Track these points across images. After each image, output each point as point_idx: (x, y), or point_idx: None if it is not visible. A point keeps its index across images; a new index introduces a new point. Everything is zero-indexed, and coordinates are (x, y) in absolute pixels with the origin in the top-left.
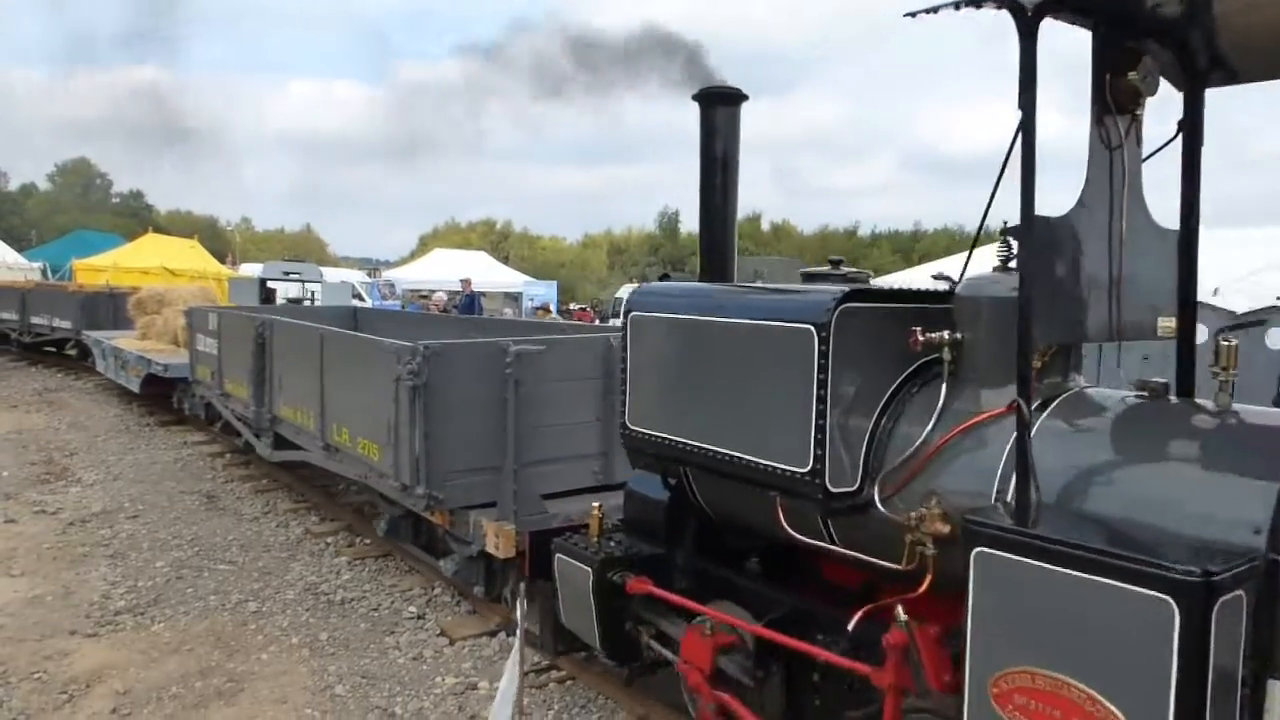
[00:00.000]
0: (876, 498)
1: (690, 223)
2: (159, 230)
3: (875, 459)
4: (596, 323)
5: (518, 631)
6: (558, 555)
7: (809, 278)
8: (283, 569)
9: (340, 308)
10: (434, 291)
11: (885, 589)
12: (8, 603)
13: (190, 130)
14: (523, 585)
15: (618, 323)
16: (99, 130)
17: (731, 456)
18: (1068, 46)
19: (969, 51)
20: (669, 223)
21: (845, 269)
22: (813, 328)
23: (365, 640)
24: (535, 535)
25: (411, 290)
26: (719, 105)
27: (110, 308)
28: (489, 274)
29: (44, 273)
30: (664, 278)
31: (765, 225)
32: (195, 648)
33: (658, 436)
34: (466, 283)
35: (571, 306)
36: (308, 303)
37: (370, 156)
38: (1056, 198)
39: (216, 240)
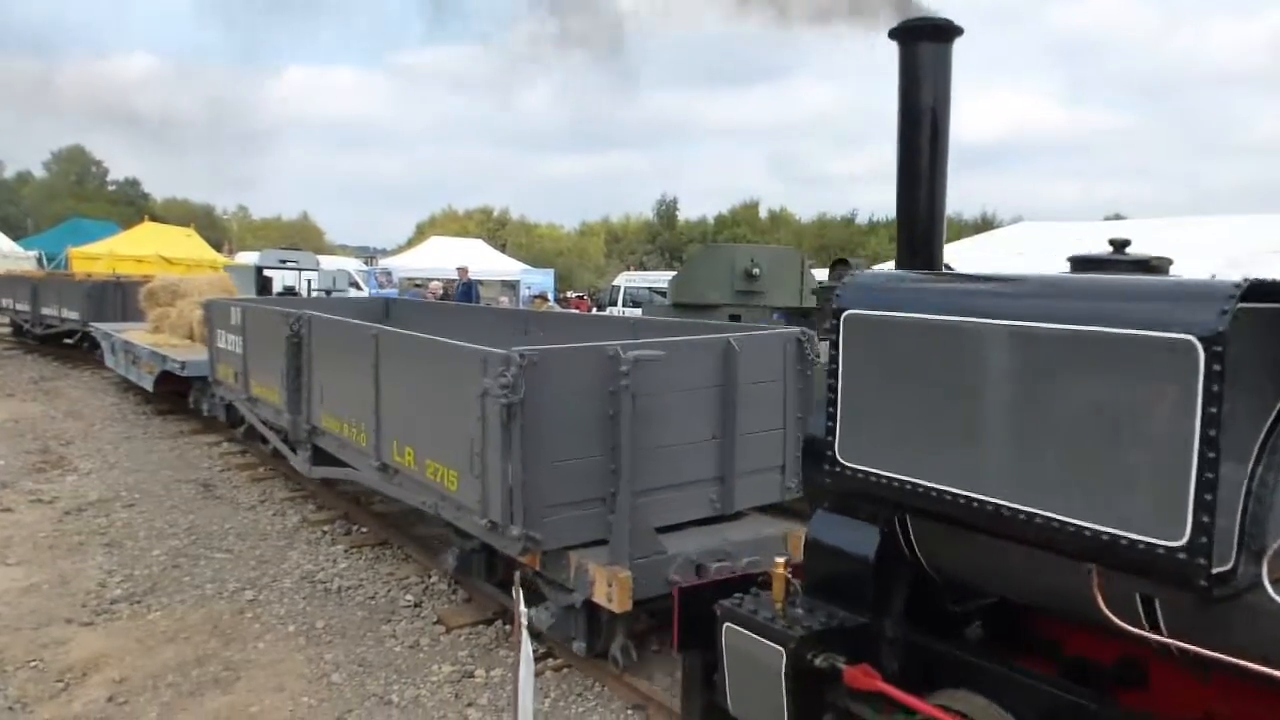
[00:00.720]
0: (1266, 580)
1: (687, 210)
2: (155, 218)
3: (1254, 524)
4: (594, 311)
5: (522, 621)
6: (727, 625)
7: (1082, 264)
8: (279, 557)
9: (371, 299)
10: (431, 279)
11: (1172, 672)
12: (4, 591)
13: (187, 118)
14: (516, 574)
15: (616, 311)
16: (95, 117)
17: (1020, 512)
18: (1064, 36)
19: (968, 36)
20: (667, 210)
21: (1143, 254)
22: (1196, 340)
23: (362, 628)
24: (687, 594)
25: (408, 278)
26: (925, 42)
27: (118, 298)
28: (486, 262)
29: (39, 261)
30: (839, 264)
31: (763, 213)
32: (192, 636)
33: (887, 478)
34: (463, 270)
35: (569, 294)
36: (318, 294)
37: (369, 143)
38: (1058, 184)
39: (213, 228)
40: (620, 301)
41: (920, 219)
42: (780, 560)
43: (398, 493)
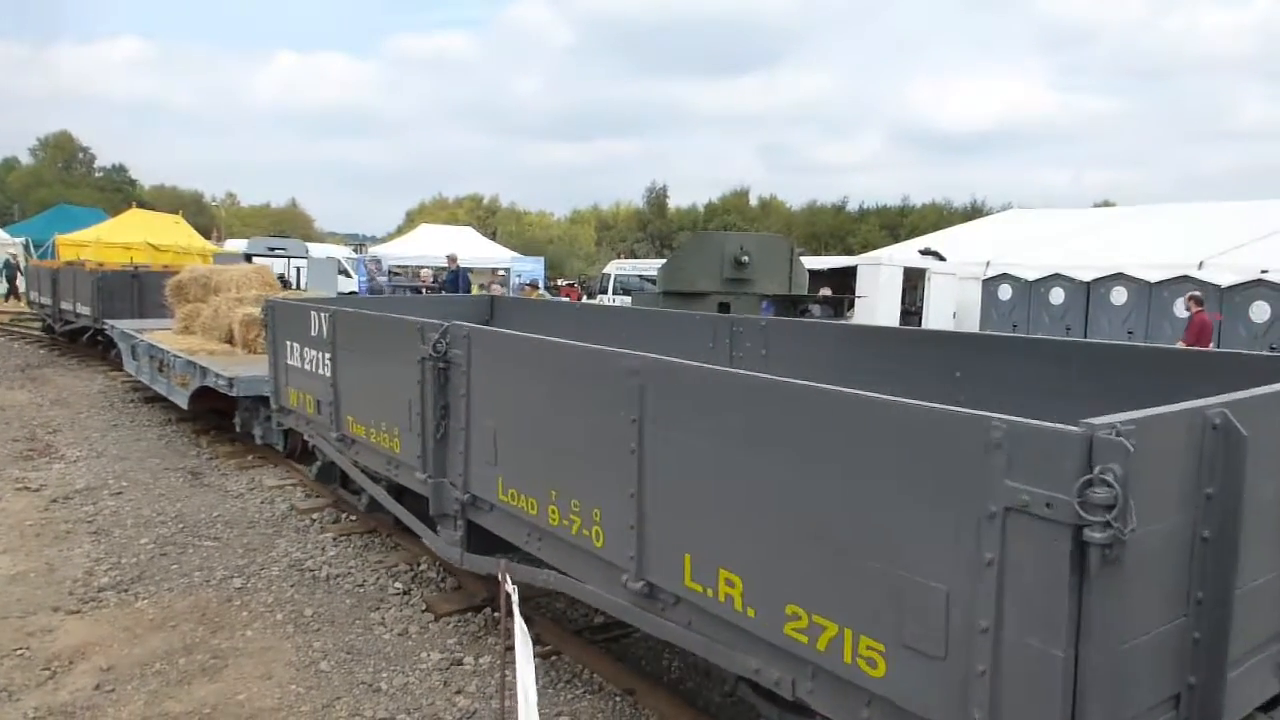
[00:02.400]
0: None
1: (678, 198)
2: (143, 205)
3: None
4: (584, 299)
5: (514, 606)
6: None
7: None
8: (268, 545)
9: (476, 297)
10: (422, 268)
11: None
12: None
13: (175, 103)
14: (502, 561)
15: (605, 299)
16: (83, 101)
17: None
18: (1055, 21)
19: (956, 21)
20: (657, 198)
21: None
22: None
23: (350, 616)
24: None
25: (398, 266)
26: None
27: (133, 291)
28: (476, 250)
29: (26, 248)
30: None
31: (753, 200)
32: (179, 624)
33: None
34: (452, 259)
35: (559, 283)
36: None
37: (359, 130)
38: (1048, 171)
39: (201, 215)
40: (611, 289)
41: None
42: None
43: (672, 634)
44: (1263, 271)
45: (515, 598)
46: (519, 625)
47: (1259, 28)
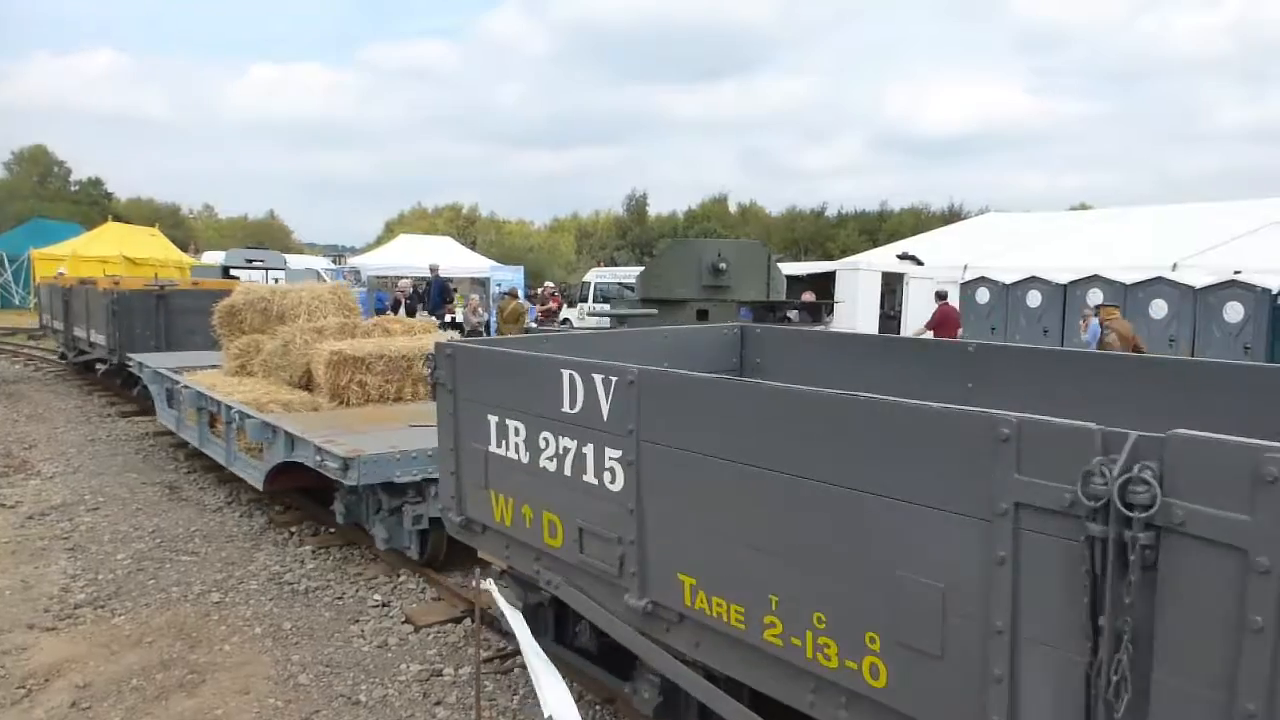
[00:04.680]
0: None
1: (657, 205)
2: (118, 218)
3: None
4: (565, 307)
5: (507, 615)
6: None
7: None
8: (246, 559)
9: (725, 327)
10: (401, 278)
11: None
12: None
13: (151, 115)
14: (478, 569)
15: (586, 307)
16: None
17: None
18: (1030, 24)
19: (933, 25)
20: (637, 206)
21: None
22: None
23: (329, 629)
24: None
25: (377, 277)
26: None
27: (158, 315)
28: (456, 259)
29: (1, 262)
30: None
31: (733, 207)
32: (156, 640)
33: None
34: (434, 269)
35: (539, 291)
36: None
37: (337, 141)
38: (1024, 175)
39: (178, 228)
40: (590, 297)
41: None
42: None
43: None
44: (1236, 272)
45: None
46: (521, 626)
47: (1231, 29)
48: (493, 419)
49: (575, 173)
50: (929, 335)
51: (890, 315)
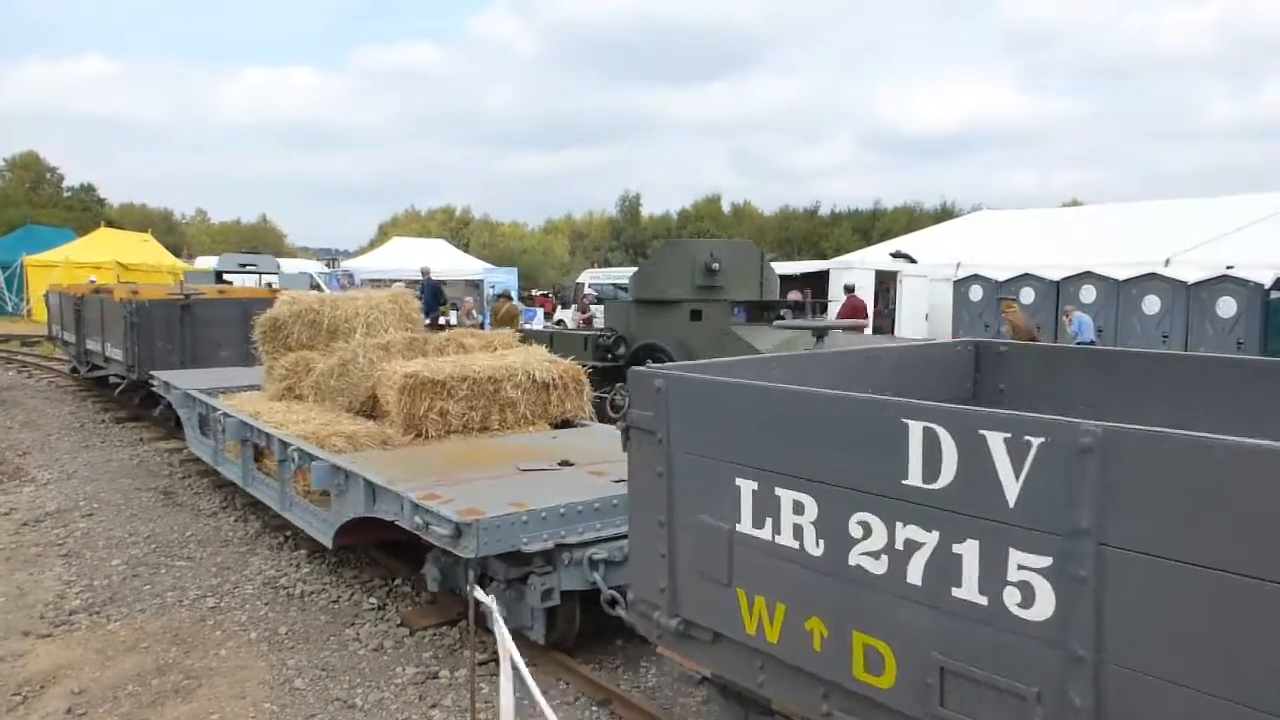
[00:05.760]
0: None
1: (651, 206)
2: (111, 224)
3: None
4: (557, 309)
5: (498, 621)
6: None
7: None
8: (241, 564)
9: (955, 345)
10: (394, 281)
11: None
12: None
13: (143, 120)
14: (471, 573)
15: (579, 309)
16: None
17: None
18: (1020, 23)
19: (923, 25)
20: (630, 207)
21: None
22: None
23: (325, 632)
24: None
25: (370, 280)
26: None
27: (182, 328)
28: (449, 261)
29: None
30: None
31: (726, 207)
32: (152, 645)
33: None
34: (426, 271)
35: (534, 293)
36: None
37: (329, 144)
38: (1014, 173)
39: (171, 234)
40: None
41: None
42: None
43: None
44: (1228, 267)
45: (499, 614)
46: (504, 636)
47: (1218, 26)
48: (746, 485)
49: (568, 174)
50: (842, 324)
51: (884, 313)
